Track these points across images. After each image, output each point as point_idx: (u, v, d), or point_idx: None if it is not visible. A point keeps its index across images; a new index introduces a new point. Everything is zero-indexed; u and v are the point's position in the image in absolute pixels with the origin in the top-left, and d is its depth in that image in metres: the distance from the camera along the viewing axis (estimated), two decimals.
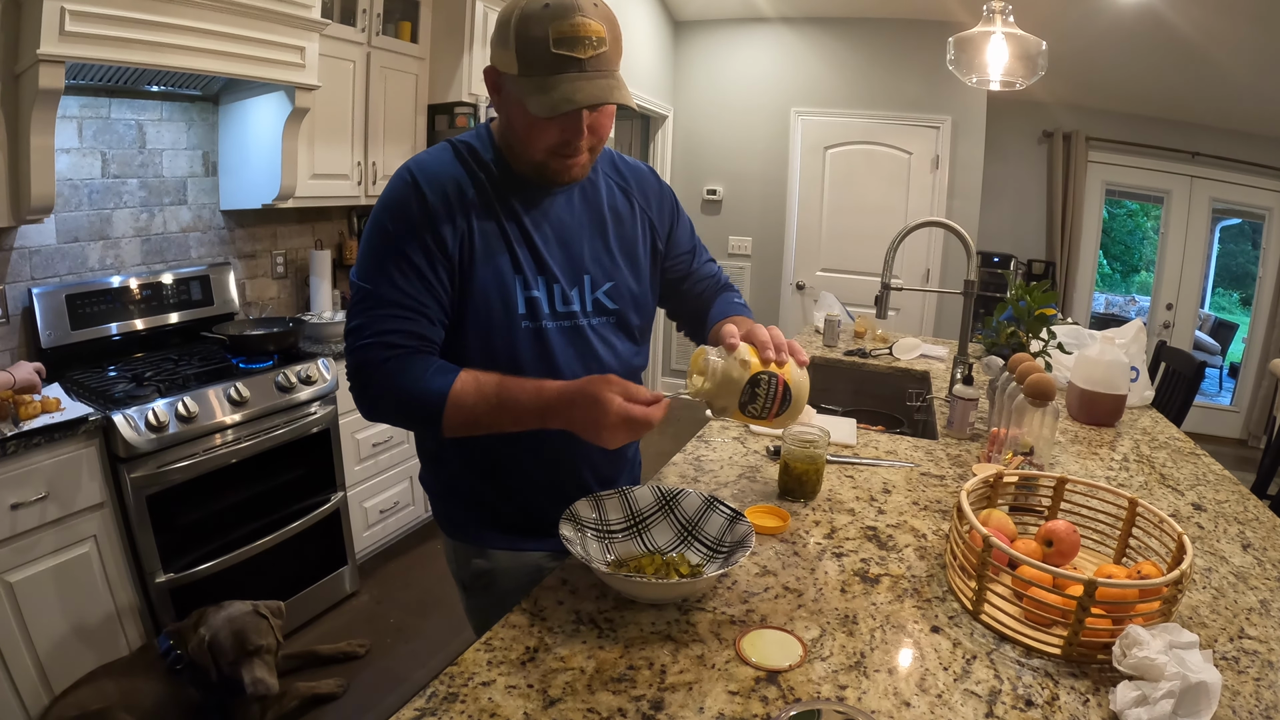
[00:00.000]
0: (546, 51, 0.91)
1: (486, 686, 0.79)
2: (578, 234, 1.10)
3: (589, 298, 1.11)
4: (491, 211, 1.04)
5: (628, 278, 1.15)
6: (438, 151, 1.06)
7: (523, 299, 1.05)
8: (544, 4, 0.91)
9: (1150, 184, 4.89)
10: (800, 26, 4.64)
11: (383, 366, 0.98)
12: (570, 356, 1.09)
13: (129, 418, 1.88)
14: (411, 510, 2.96)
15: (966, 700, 0.80)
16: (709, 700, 0.78)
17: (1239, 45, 3.71)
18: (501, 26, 0.96)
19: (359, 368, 1.00)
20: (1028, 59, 2.44)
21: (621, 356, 1.15)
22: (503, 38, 0.95)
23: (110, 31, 1.82)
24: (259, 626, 1.82)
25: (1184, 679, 0.75)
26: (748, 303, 1.34)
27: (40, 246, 2.15)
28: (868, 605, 0.98)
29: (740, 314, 1.22)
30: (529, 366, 1.05)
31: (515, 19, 0.93)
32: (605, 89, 0.94)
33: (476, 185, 1.03)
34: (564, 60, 0.92)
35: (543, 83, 0.93)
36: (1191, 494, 1.48)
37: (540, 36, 0.91)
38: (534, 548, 1.15)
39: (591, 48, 0.92)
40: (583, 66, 0.93)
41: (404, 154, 3.08)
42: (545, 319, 1.06)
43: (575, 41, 0.91)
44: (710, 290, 1.29)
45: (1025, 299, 2.16)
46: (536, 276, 1.06)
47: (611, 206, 1.15)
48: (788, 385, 0.95)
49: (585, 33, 0.92)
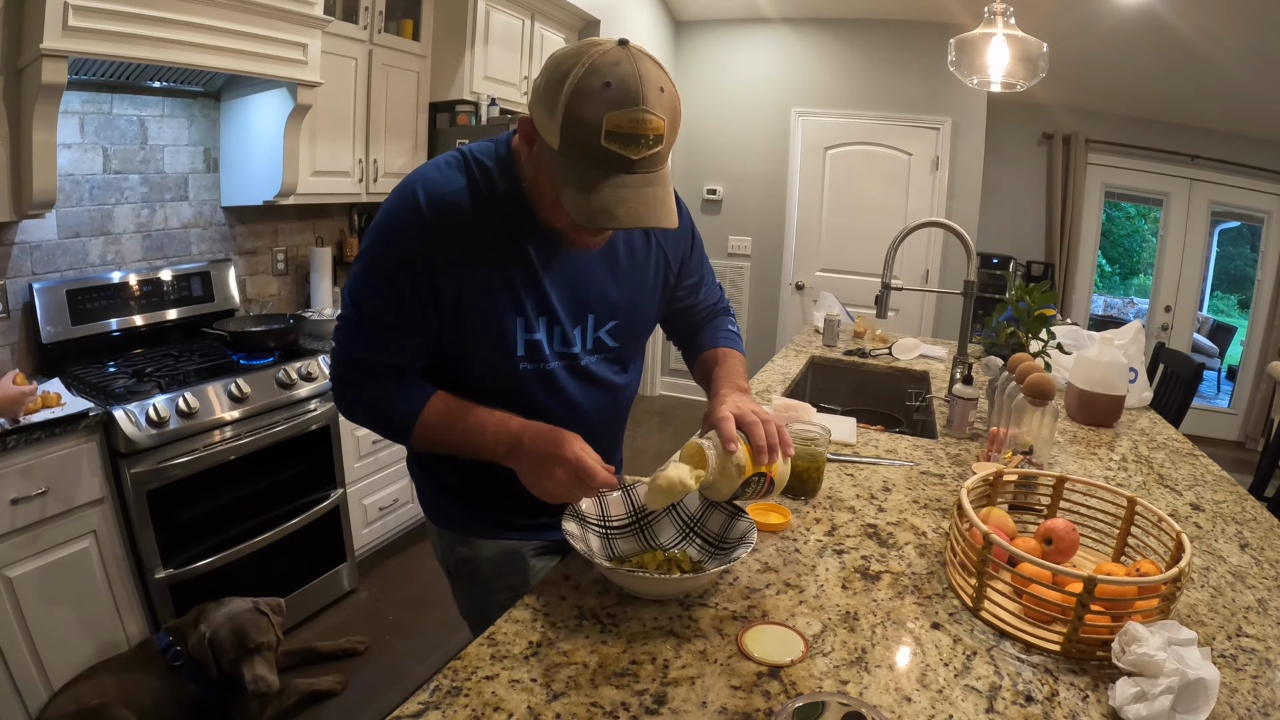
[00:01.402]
0: (595, 142, 0.81)
1: (490, 680, 0.79)
2: (586, 272, 1.05)
3: (590, 336, 1.08)
4: (499, 248, 0.97)
5: (632, 314, 1.12)
6: (448, 169, 0.98)
7: (522, 342, 1.02)
8: (605, 82, 0.80)
9: (1149, 186, 4.90)
10: (801, 27, 4.64)
11: (357, 385, 1.02)
12: (566, 394, 1.08)
13: (129, 413, 1.88)
14: (411, 508, 2.96)
15: (967, 696, 0.80)
16: (711, 695, 0.78)
17: (1239, 48, 3.72)
18: (550, 88, 0.83)
19: (337, 378, 1.04)
20: (1029, 60, 2.45)
21: (614, 389, 1.15)
22: (549, 103, 0.83)
23: (113, 27, 1.82)
24: (259, 624, 1.82)
25: (1183, 675, 0.76)
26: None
27: (41, 242, 2.15)
28: (868, 602, 0.99)
29: (731, 344, 1.25)
30: (528, 404, 1.03)
31: (569, 89, 0.81)
32: (650, 205, 0.85)
33: (485, 216, 0.96)
34: (613, 158, 0.82)
35: (584, 178, 0.84)
36: (1189, 494, 1.49)
37: (592, 123, 0.81)
38: (515, 537, 1.16)
39: (646, 147, 0.83)
40: (631, 168, 0.83)
41: (405, 152, 3.09)
42: (548, 360, 1.05)
43: (630, 139, 0.82)
44: (708, 315, 1.30)
45: (1025, 299, 2.16)
46: (538, 318, 1.01)
47: (627, 241, 1.09)
48: (773, 481, 1.01)
49: (644, 130, 0.82)
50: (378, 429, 1.06)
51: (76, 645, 1.83)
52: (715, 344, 1.24)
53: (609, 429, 1.19)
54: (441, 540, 1.22)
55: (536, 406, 1.04)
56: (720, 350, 1.23)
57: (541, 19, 3.61)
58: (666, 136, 0.85)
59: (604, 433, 1.16)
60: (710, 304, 1.30)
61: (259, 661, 1.78)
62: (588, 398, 1.10)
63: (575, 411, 1.08)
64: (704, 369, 1.22)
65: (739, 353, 1.24)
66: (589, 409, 1.10)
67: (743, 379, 1.16)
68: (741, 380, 1.15)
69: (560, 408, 1.07)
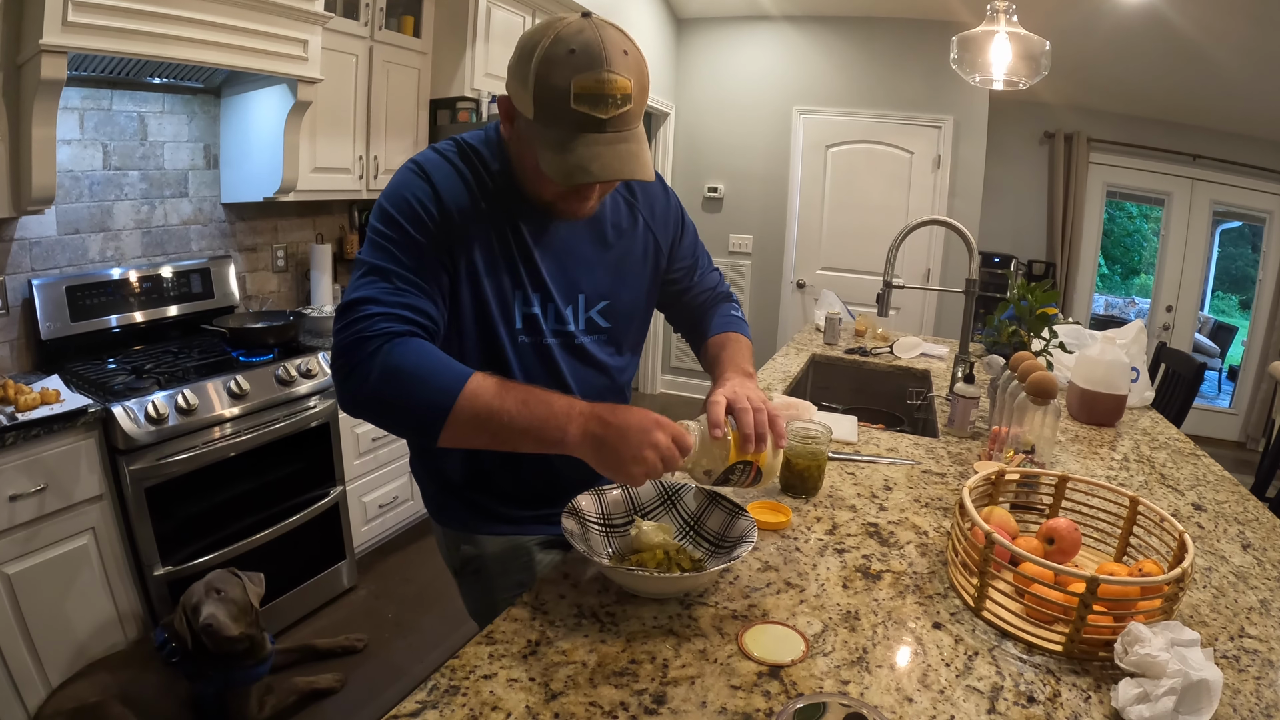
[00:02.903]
0: (566, 106, 0.86)
1: (488, 679, 0.79)
2: (576, 252, 1.07)
3: (582, 316, 1.10)
4: (496, 224, 1.00)
5: (623, 296, 1.14)
6: (445, 151, 1.01)
7: (520, 315, 1.04)
8: (569, 49, 0.85)
9: (1151, 186, 4.89)
10: (803, 25, 4.63)
11: (389, 340, 0.87)
12: (562, 373, 1.09)
13: (128, 410, 1.88)
14: (410, 505, 2.95)
15: (969, 696, 0.80)
16: (711, 695, 0.78)
17: (1241, 47, 3.71)
18: (521, 61, 0.89)
19: (358, 341, 0.88)
20: (1031, 59, 2.44)
21: (611, 372, 1.16)
22: (521, 75, 0.89)
23: (113, 22, 1.81)
24: (227, 579, 1.84)
25: (1185, 677, 0.75)
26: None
27: (41, 238, 2.15)
28: (869, 601, 0.98)
29: (736, 329, 1.24)
30: (528, 380, 1.02)
31: (537, 60, 0.86)
32: (623, 159, 0.88)
33: (484, 193, 0.99)
34: (583, 119, 0.86)
35: (559, 139, 0.88)
36: (1191, 494, 1.48)
37: (561, 87, 0.85)
38: (519, 531, 1.15)
39: (615, 106, 0.87)
40: (603, 127, 0.87)
41: (406, 148, 3.08)
42: (545, 335, 1.06)
43: (598, 99, 0.86)
44: (709, 301, 1.30)
45: (1027, 298, 2.16)
46: (534, 293, 1.04)
47: (615, 223, 1.12)
48: (760, 470, 0.99)
49: (610, 90, 0.86)
50: (395, 412, 0.91)
51: (75, 642, 1.83)
52: (720, 329, 1.23)
53: None
54: (446, 540, 1.21)
55: (535, 384, 1.01)
56: (726, 335, 1.22)
57: (542, 15, 3.60)
58: (635, 97, 0.89)
59: None
60: (709, 288, 1.30)
61: (216, 602, 1.77)
62: (585, 377, 1.11)
63: (573, 392, 1.08)
64: (710, 354, 1.21)
65: (745, 337, 1.23)
66: (587, 390, 1.11)
67: (748, 362, 1.15)
68: (747, 364, 1.14)
69: (559, 387, 1.07)
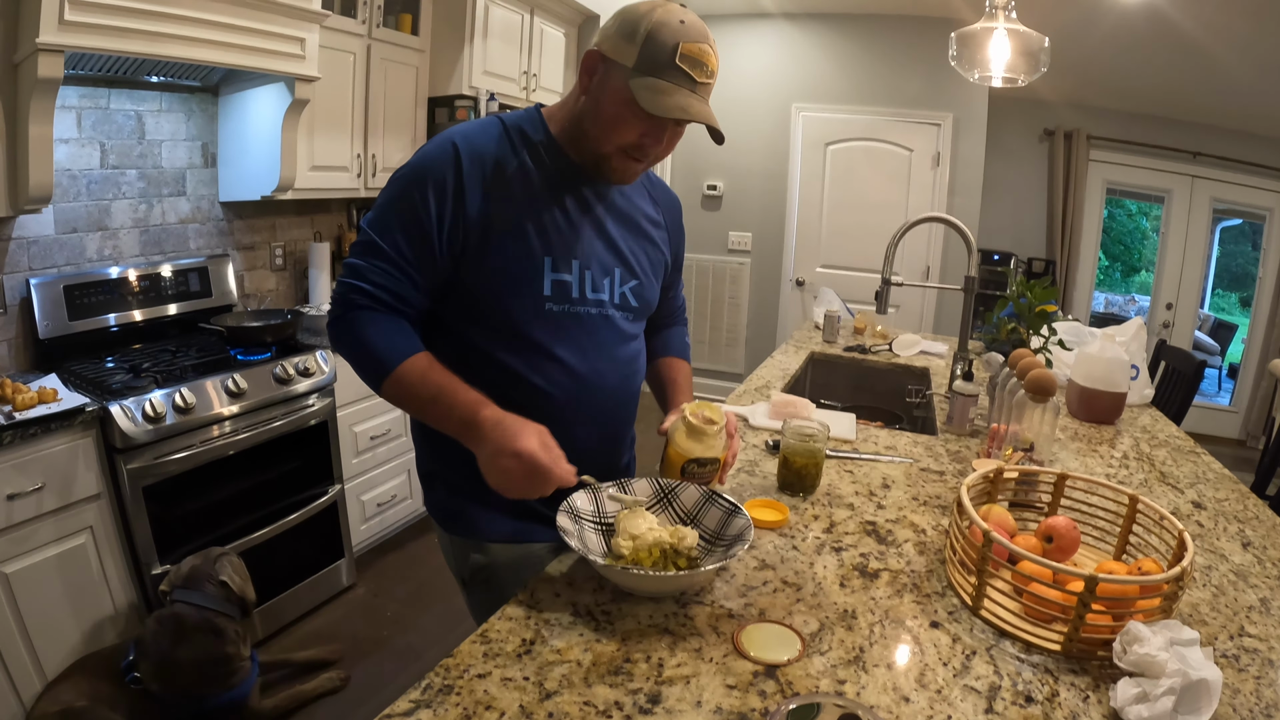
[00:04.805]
0: (671, 61, 0.98)
1: (482, 679, 0.78)
2: (615, 229, 1.14)
3: (616, 290, 1.14)
4: (531, 191, 1.06)
5: (646, 281, 1.19)
6: (485, 125, 1.08)
7: (549, 281, 1.06)
8: (680, 20, 0.99)
9: (1151, 183, 4.88)
10: (802, 22, 4.62)
11: (354, 309, 1.03)
12: (587, 344, 1.11)
13: (126, 408, 1.87)
14: (409, 504, 2.95)
15: (966, 696, 0.79)
16: (706, 694, 0.78)
17: (1242, 44, 3.70)
18: (629, 22, 1.00)
19: (336, 300, 1.05)
20: (1030, 55, 2.43)
21: (635, 351, 1.20)
22: (628, 33, 1.00)
23: (110, 21, 1.81)
24: (211, 555, 1.88)
25: (1185, 676, 0.75)
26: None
27: (38, 237, 2.14)
28: (867, 600, 0.98)
29: (687, 356, 1.37)
30: (549, 350, 1.07)
31: (650, 22, 0.99)
32: (709, 113, 1.02)
33: (520, 164, 1.06)
34: (682, 75, 0.99)
35: (658, 84, 0.98)
36: (1191, 492, 1.48)
37: (670, 44, 0.98)
38: (531, 538, 1.14)
39: (706, 75, 1.01)
40: (694, 88, 1.00)
41: (404, 147, 3.07)
42: (574, 303, 1.09)
43: (697, 64, 0.99)
44: (674, 320, 1.39)
45: (1026, 295, 2.15)
46: (570, 260, 1.08)
47: (646, 215, 1.20)
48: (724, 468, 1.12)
49: (706, 60, 1.00)
50: (358, 362, 1.06)
51: (72, 641, 1.83)
52: (677, 352, 1.35)
53: (624, 395, 1.19)
54: (454, 549, 1.20)
55: (557, 354, 1.07)
56: (683, 362, 1.34)
57: (541, 13, 3.59)
58: (714, 79, 1.03)
59: (620, 399, 1.18)
60: (677, 306, 1.40)
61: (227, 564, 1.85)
62: (609, 353, 1.13)
63: (595, 366, 1.11)
64: (666, 374, 1.31)
65: (689, 365, 1.37)
66: (609, 365, 1.13)
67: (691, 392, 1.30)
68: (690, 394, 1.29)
69: (580, 359, 1.09)
